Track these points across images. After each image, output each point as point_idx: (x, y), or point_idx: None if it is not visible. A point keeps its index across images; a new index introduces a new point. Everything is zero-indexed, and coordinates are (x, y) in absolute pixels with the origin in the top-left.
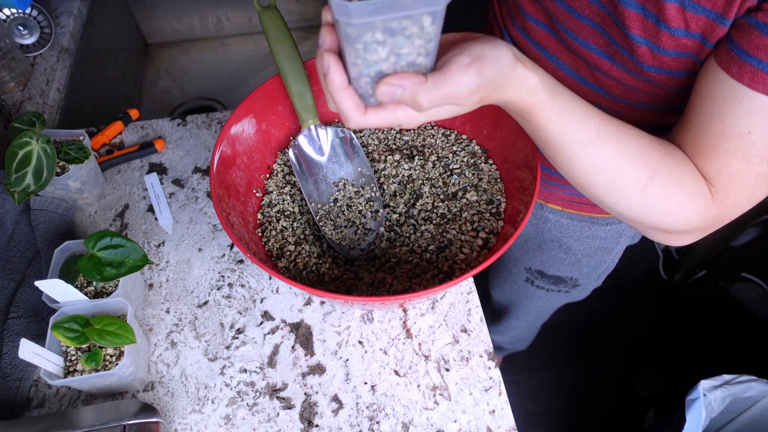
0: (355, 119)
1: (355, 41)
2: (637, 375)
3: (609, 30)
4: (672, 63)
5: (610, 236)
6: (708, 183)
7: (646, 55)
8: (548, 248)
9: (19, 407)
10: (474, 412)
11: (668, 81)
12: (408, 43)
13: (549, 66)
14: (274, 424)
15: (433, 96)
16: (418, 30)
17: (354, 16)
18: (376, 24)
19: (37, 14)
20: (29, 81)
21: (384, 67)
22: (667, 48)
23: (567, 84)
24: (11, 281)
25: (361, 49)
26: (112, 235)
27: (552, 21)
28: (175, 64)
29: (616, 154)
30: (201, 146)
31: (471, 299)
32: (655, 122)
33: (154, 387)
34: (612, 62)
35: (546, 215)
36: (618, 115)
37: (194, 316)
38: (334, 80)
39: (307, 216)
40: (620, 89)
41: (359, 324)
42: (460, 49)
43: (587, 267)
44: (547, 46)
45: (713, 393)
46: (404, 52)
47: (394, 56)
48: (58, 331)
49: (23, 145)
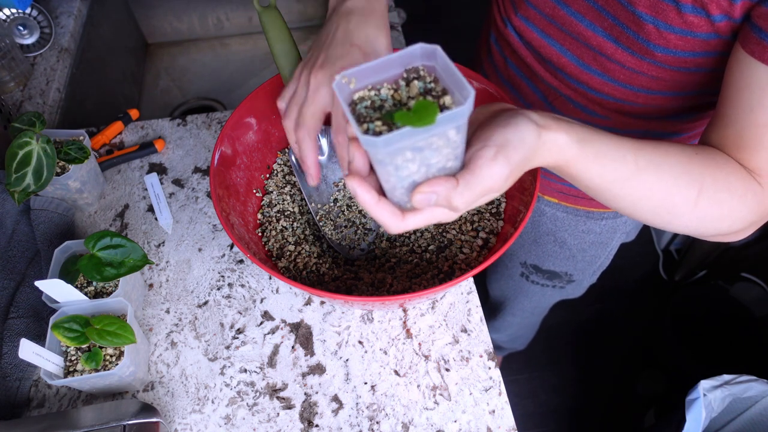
0: (395, 226)
1: (386, 165)
2: (637, 375)
3: (613, 11)
4: (678, 42)
5: (605, 231)
6: (755, 175)
7: (652, 33)
8: (543, 242)
9: (19, 407)
10: (474, 412)
11: (674, 62)
12: (436, 154)
13: (553, 53)
14: (274, 424)
15: (467, 197)
16: (444, 142)
17: (382, 147)
18: (405, 147)
19: (37, 14)
20: (29, 81)
21: (416, 177)
22: (673, 25)
23: (571, 70)
24: (11, 281)
25: (392, 169)
26: (112, 235)
27: (555, 7)
28: (175, 64)
29: (659, 180)
30: (201, 146)
31: (471, 299)
32: (660, 108)
33: (154, 387)
34: (617, 45)
35: (542, 208)
36: (623, 102)
37: (194, 316)
38: (365, 199)
39: (307, 216)
40: (625, 74)
41: (359, 324)
42: (483, 140)
43: (582, 262)
44: (550, 33)
45: (713, 393)
46: (433, 162)
47: (425, 167)
48: (58, 331)
49: (23, 145)
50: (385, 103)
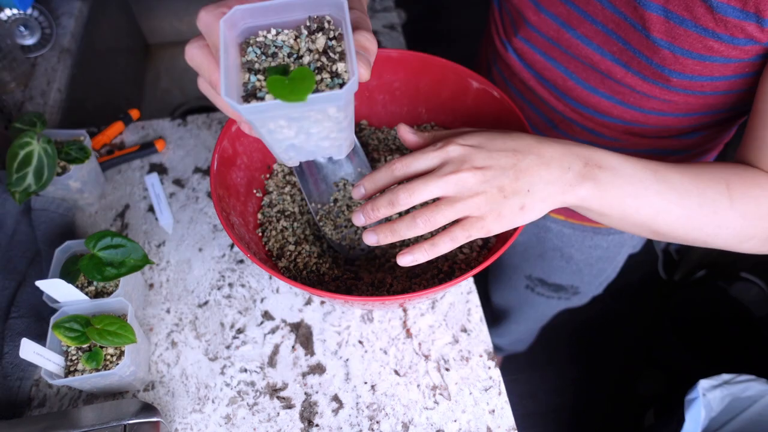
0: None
1: (258, 127)
2: (637, 375)
3: (624, 35)
4: (696, 67)
5: (612, 246)
6: None
7: (668, 59)
8: (549, 257)
9: (20, 407)
10: (474, 411)
11: (689, 86)
12: (317, 125)
13: (558, 75)
14: (275, 424)
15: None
16: (323, 116)
17: (245, 114)
18: (276, 116)
19: (38, 15)
20: (30, 81)
21: (296, 142)
22: (692, 50)
23: (577, 94)
24: (12, 281)
25: (265, 132)
26: (113, 235)
27: (560, 30)
28: (176, 65)
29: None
30: (201, 146)
31: (471, 299)
32: (670, 128)
33: (155, 387)
34: (627, 69)
35: (548, 225)
36: (632, 124)
37: (195, 315)
38: None
39: (307, 216)
40: (635, 97)
41: (359, 324)
42: None
43: (588, 276)
44: (554, 56)
45: (712, 392)
46: (314, 131)
47: (304, 135)
48: (59, 331)
49: (24, 146)
50: (281, 51)
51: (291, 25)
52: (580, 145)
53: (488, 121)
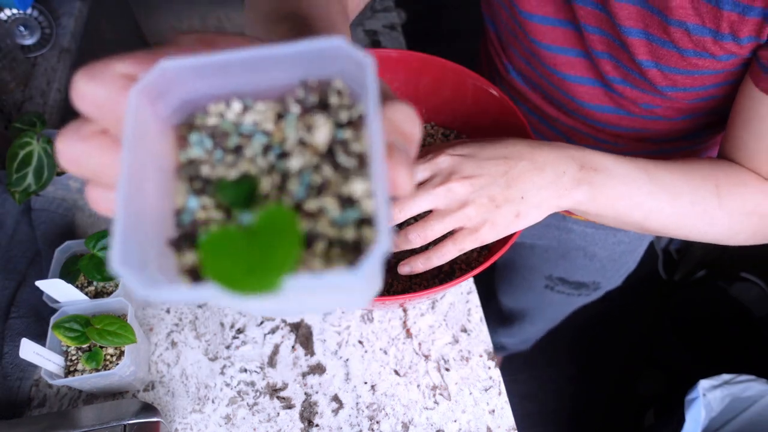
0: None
1: None
2: (637, 375)
3: (617, 55)
4: (686, 80)
5: (634, 239)
6: None
7: (657, 77)
8: (572, 257)
9: (20, 407)
10: (474, 411)
11: (685, 96)
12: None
13: (561, 96)
14: (275, 424)
15: None
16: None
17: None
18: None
19: (38, 15)
20: (30, 81)
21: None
22: (678, 67)
23: (586, 111)
24: (12, 281)
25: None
26: None
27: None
28: None
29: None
30: None
31: (471, 299)
32: (679, 130)
33: (155, 386)
34: (625, 84)
35: (570, 226)
36: (641, 131)
37: (194, 315)
38: None
39: None
40: (637, 108)
41: (359, 324)
42: None
43: (611, 270)
44: (552, 80)
45: (712, 393)
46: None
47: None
48: (59, 331)
49: (24, 145)
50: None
51: (269, 93)
52: (575, 148)
53: (488, 121)
